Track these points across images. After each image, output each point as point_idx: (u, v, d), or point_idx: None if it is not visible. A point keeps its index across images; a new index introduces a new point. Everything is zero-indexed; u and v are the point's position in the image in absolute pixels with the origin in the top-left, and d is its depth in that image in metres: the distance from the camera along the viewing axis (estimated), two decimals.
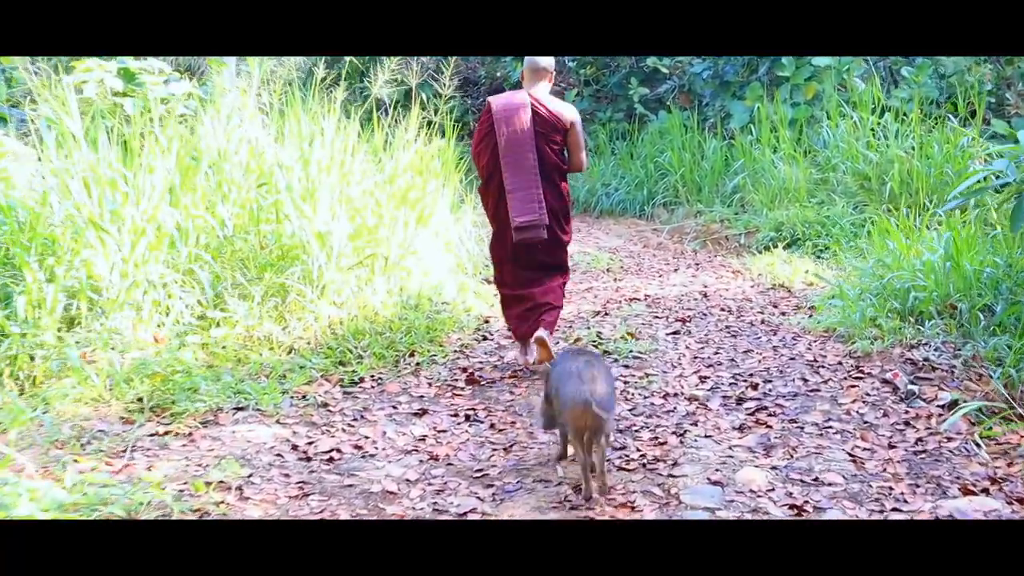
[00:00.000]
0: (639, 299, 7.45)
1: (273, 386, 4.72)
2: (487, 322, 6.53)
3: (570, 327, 6.36)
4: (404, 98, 11.78)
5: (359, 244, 6.20)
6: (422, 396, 4.93)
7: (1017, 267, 5.32)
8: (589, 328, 6.27)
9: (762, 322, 6.50)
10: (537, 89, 5.20)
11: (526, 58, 5.26)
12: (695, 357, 5.56)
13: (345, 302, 5.85)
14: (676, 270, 8.90)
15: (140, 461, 3.76)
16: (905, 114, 10.72)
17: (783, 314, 6.87)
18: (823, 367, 5.28)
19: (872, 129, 10.66)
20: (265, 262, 5.75)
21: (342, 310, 5.77)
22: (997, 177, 5.23)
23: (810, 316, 6.62)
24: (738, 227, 10.61)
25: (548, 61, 5.22)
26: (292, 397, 4.71)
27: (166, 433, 4.11)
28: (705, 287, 7.98)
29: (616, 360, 5.47)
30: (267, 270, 5.69)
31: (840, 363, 5.34)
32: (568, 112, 5.19)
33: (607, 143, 14.61)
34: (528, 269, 5.25)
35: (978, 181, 5.37)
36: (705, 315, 6.78)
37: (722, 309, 7.01)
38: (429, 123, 8.59)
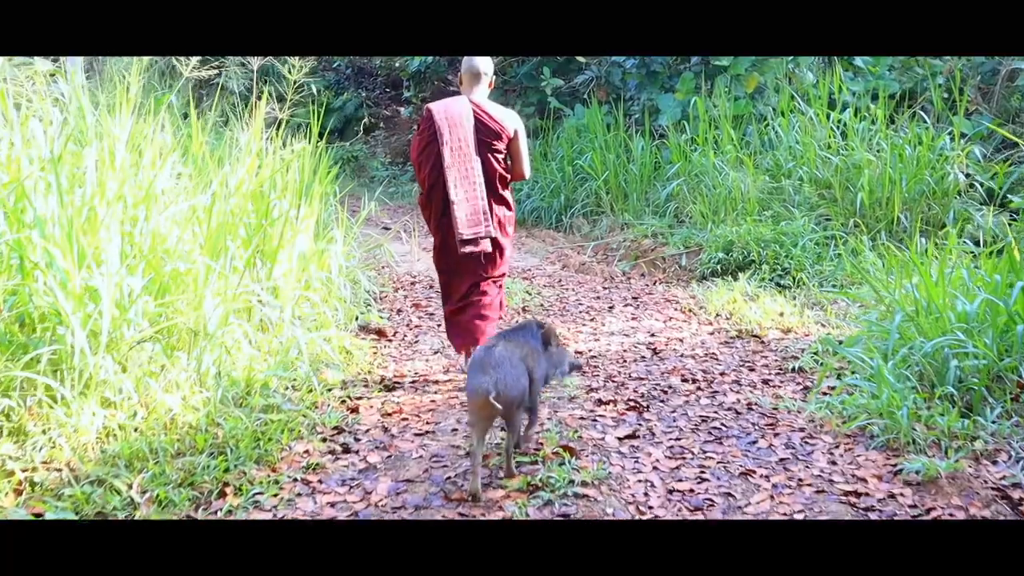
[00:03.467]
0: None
1: None
2: (355, 413, 4.37)
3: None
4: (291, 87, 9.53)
5: (156, 308, 3.97)
6: None
7: None
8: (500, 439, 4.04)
9: (748, 406, 4.48)
10: (477, 94, 4.88)
11: (464, 62, 4.91)
12: (670, 492, 3.47)
13: (124, 401, 3.64)
14: (611, 308, 6.84)
15: None
16: (868, 110, 8.90)
17: (767, 383, 4.90)
18: (873, 508, 3.29)
19: (831, 128, 8.82)
20: None
21: (118, 415, 3.56)
22: None
23: (807, 393, 4.67)
24: (675, 244, 8.65)
25: (487, 64, 4.90)
26: None
27: None
28: (652, 336, 5.96)
29: (550, 502, 3.36)
30: None
31: (893, 497, 3.36)
32: (512, 120, 4.89)
33: None
34: (469, 280, 4.93)
35: None
36: (665, 393, 4.73)
37: (684, 379, 4.99)
38: (299, 124, 6.49)
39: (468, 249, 4.77)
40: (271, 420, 3.87)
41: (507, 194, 4.98)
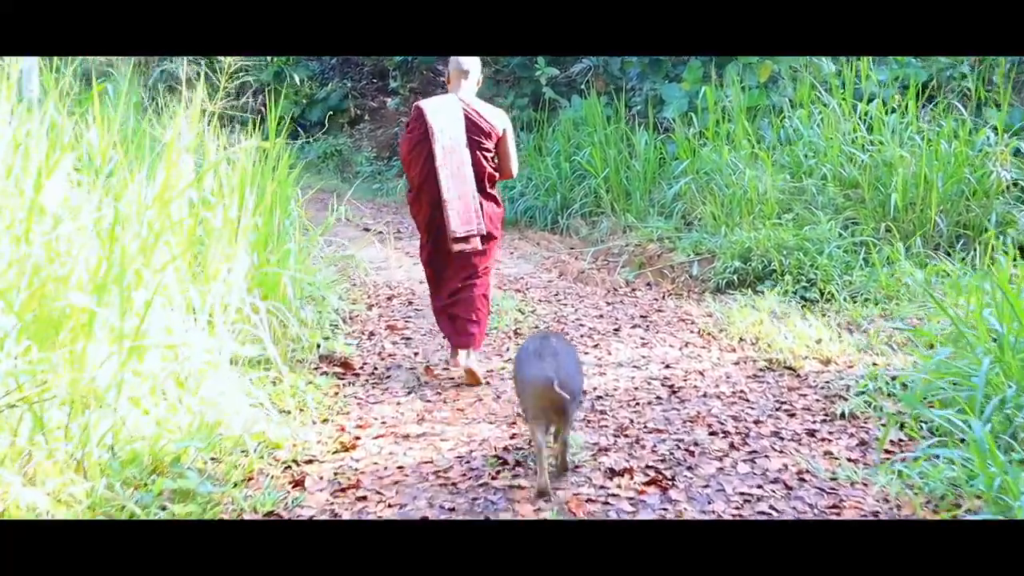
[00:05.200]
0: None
1: None
2: (299, 487, 3.36)
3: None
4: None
5: (38, 357, 2.95)
6: None
7: None
8: None
9: (799, 476, 3.48)
10: (465, 93, 4.82)
11: (452, 60, 4.88)
12: None
13: None
14: (617, 329, 5.83)
15: None
16: (895, 101, 7.90)
17: (812, 435, 3.93)
18: None
19: (857, 121, 7.82)
20: None
21: None
22: None
23: (865, 450, 3.69)
24: (684, 250, 7.64)
25: (475, 62, 4.86)
26: None
27: None
28: (668, 368, 4.97)
29: None
30: None
31: None
32: (501, 118, 4.85)
33: None
34: (460, 276, 4.84)
35: None
36: (691, 455, 3.71)
37: (713, 431, 3.99)
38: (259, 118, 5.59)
39: (461, 247, 4.68)
40: (175, 514, 2.86)
41: (495, 192, 4.92)
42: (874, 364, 4.86)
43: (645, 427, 4.04)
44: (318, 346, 4.99)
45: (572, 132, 10.48)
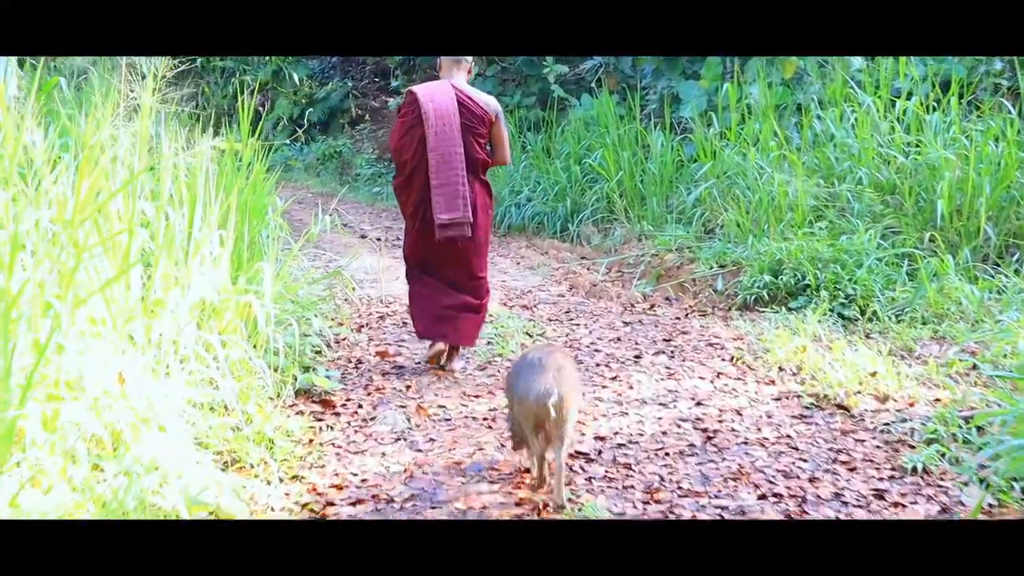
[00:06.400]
0: (585, 454, 3.65)
1: None
2: None
3: None
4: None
5: None
6: None
7: None
8: None
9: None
10: (458, 80, 4.77)
11: None
12: None
13: None
14: (638, 356, 5.08)
15: None
16: (931, 98, 7.16)
17: (881, 496, 3.21)
18: None
19: (894, 121, 7.09)
20: None
21: None
22: None
23: (949, 519, 2.96)
24: (707, 261, 6.91)
25: None
26: None
27: None
28: (699, 405, 4.24)
29: None
30: None
31: None
32: (493, 104, 4.79)
33: (516, 136, 10.73)
34: (450, 268, 4.78)
35: None
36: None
37: (762, 494, 3.27)
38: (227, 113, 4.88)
39: (447, 234, 4.63)
40: None
41: (487, 179, 4.90)
42: (937, 400, 4.14)
43: (679, 488, 3.31)
44: (295, 378, 4.28)
45: (583, 133, 9.75)
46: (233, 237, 3.98)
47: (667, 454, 3.64)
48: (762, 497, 3.23)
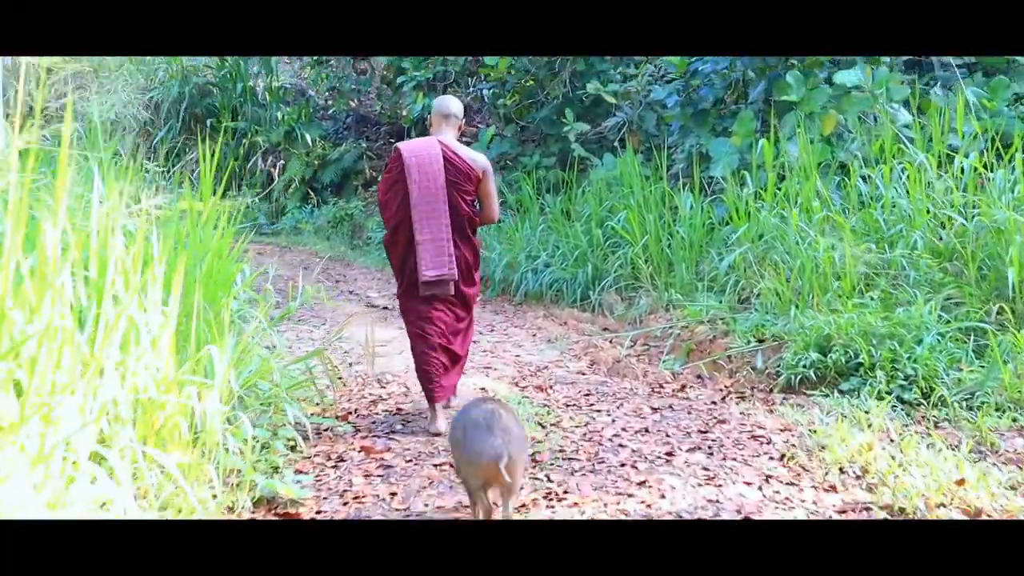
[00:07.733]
0: None
1: None
2: None
3: None
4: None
5: None
6: None
7: None
8: None
9: None
10: (445, 136, 4.78)
11: (434, 103, 4.96)
12: None
13: None
14: (670, 453, 4.26)
15: None
16: (999, 156, 6.41)
17: None
18: None
19: (953, 181, 6.34)
20: None
21: None
22: None
23: None
24: (743, 335, 6.12)
25: (457, 107, 4.87)
26: None
27: None
28: (746, 519, 3.44)
29: None
30: None
31: None
32: (480, 160, 4.78)
33: (533, 198, 10.05)
34: (438, 325, 4.71)
35: None
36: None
37: None
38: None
39: (431, 291, 4.63)
40: None
41: (475, 237, 4.86)
42: None
43: None
44: (254, 485, 3.52)
45: (605, 193, 9.05)
46: (177, 314, 3.25)
47: None
48: None
